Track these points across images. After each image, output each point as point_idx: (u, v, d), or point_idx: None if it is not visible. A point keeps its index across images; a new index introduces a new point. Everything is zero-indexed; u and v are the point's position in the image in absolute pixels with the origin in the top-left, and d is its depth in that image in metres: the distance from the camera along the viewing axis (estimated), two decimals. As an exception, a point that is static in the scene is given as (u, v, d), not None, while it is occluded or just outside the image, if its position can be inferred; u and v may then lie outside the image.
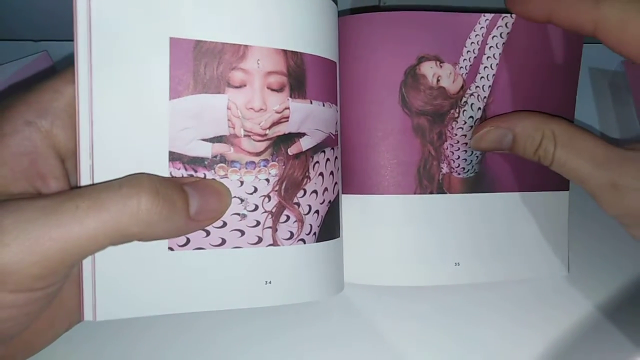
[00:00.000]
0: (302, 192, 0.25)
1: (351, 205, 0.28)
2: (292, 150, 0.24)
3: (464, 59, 0.28)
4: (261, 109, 0.23)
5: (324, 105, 0.25)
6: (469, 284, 0.29)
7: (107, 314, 0.22)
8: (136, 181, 0.20)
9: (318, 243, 0.25)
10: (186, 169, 0.22)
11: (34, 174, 0.21)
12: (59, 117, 0.21)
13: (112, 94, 0.21)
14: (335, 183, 0.27)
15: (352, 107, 0.28)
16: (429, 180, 0.28)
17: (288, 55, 0.24)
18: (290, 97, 0.24)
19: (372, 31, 0.28)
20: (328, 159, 0.26)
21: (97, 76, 0.21)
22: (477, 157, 0.29)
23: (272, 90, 0.24)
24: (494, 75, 0.28)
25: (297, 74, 0.24)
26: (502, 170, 0.29)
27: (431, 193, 0.28)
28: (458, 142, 0.28)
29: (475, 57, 0.28)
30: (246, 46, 0.23)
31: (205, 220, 0.22)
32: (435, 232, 0.28)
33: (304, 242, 0.25)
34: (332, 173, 0.26)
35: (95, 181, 0.21)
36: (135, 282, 0.22)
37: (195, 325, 0.30)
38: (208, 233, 0.23)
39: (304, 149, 0.25)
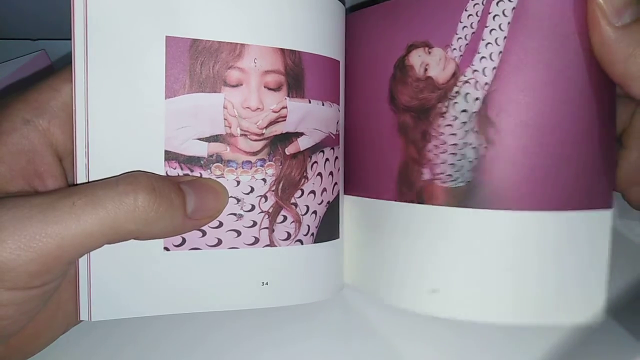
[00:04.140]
0: (299, 192, 0.26)
1: (351, 206, 0.29)
2: (289, 149, 0.25)
3: (459, 37, 0.24)
4: (258, 108, 0.24)
5: (323, 105, 0.26)
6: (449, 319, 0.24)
7: (103, 314, 0.23)
8: (133, 178, 0.21)
9: (316, 244, 0.26)
10: (182, 169, 0.23)
11: (32, 173, 0.22)
12: (56, 116, 0.22)
13: (108, 93, 0.22)
14: (335, 184, 0.27)
15: (351, 107, 0.29)
16: (408, 187, 0.25)
17: (286, 54, 0.25)
18: (288, 96, 0.25)
19: (365, 27, 0.28)
20: (327, 159, 0.27)
21: (92, 75, 0.22)
22: (471, 161, 0.23)
23: (269, 89, 0.24)
24: (500, 53, 0.23)
25: (295, 73, 0.25)
26: (511, 182, 0.23)
27: (411, 202, 0.25)
28: (445, 142, 0.24)
29: (474, 32, 0.23)
30: (242, 45, 0.24)
31: (202, 219, 0.23)
32: (411, 248, 0.25)
33: (302, 243, 0.26)
34: (331, 173, 0.27)
35: (91, 180, 0.22)
36: (131, 282, 0.23)
37: (190, 327, 0.31)
38: (204, 233, 0.24)
39: (301, 149, 0.25)
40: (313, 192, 0.26)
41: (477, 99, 0.23)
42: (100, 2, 0.22)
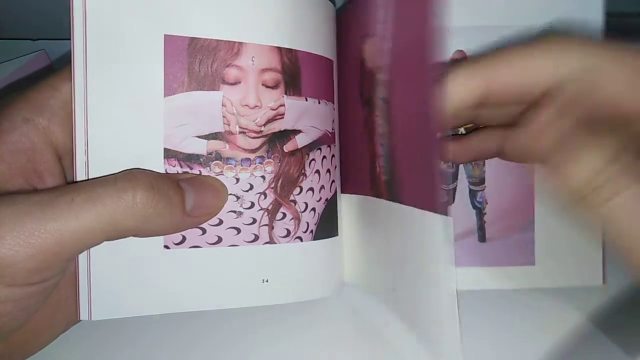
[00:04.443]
0: (298, 189, 0.26)
1: (348, 205, 0.29)
2: (287, 147, 0.25)
3: (379, 23, 0.23)
4: (256, 106, 0.24)
5: (319, 103, 0.26)
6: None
7: (103, 314, 0.23)
8: (131, 176, 0.21)
9: (315, 241, 0.26)
10: (182, 166, 0.23)
11: (31, 171, 0.22)
12: (56, 115, 0.22)
13: (107, 91, 0.22)
14: (333, 181, 0.28)
15: (341, 106, 0.29)
16: (374, 181, 0.25)
17: (283, 52, 0.25)
18: (285, 94, 0.25)
19: (347, 27, 0.28)
20: (324, 157, 0.27)
21: (92, 74, 0.22)
22: (387, 151, 0.23)
23: (267, 87, 0.25)
24: (394, 26, 0.20)
25: (291, 71, 0.25)
26: (404, 174, 0.21)
27: (375, 196, 0.25)
28: (379, 133, 0.24)
29: (384, 11, 0.22)
30: (240, 43, 0.24)
31: (201, 216, 0.23)
32: (376, 245, 0.25)
33: (301, 240, 0.26)
34: (328, 171, 0.27)
35: (90, 178, 0.22)
36: (131, 281, 0.23)
37: (191, 325, 0.31)
38: (204, 231, 0.24)
39: (299, 146, 0.26)
40: (311, 189, 0.26)
41: (385, 84, 0.22)
42: (98, 1, 0.22)
